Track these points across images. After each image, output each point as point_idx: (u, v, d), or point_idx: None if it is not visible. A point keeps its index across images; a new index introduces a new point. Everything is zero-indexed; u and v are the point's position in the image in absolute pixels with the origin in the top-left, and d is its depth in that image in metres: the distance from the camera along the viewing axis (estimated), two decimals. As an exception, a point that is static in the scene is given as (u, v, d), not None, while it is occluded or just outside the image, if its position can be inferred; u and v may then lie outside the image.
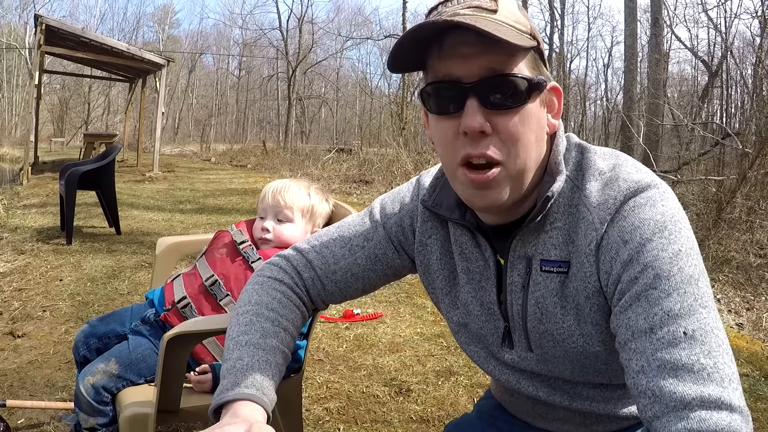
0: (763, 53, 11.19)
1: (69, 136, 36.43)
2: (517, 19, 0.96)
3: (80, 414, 1.89)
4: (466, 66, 0.95)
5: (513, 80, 0.95)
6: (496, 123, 0.95)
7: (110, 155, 6.89)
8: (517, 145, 0.97)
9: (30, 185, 11.69)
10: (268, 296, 1.20)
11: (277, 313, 1.17)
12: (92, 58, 14.88)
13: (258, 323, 1.13)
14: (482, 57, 0.93)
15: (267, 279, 1.24)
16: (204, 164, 21.68)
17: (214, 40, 53.26)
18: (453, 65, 0.96)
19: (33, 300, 4.48)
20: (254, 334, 1.11)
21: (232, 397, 0.99)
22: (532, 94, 0.97)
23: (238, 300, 1.22)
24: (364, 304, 4.60)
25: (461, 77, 0.95)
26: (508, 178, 0.98)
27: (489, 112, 0.95)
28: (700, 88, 21.15)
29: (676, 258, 0.90)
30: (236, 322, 1.14)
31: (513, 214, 1.06)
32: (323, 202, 2.20)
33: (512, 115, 0.96)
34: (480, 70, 0.94)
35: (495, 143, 0.96)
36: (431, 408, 2.98)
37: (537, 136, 1.00)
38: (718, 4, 20.01)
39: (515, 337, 1.12)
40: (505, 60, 0.94)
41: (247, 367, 1.04)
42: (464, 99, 0.95)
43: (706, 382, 0.82)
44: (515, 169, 0.98)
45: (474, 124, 0.94)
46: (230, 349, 1.09)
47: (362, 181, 14.09)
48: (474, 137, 0.96)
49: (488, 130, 0.95)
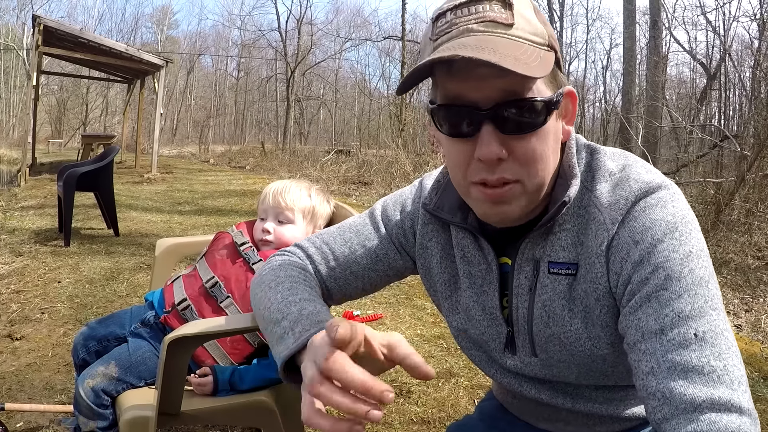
0: (762, 56, 11.22)
1: (67, 138, 36.41)
2: (535, 30, 0.92)
3: (80, 417, 1.88)
4: (482, 89, 0.90)
5: (532, 105, 0.91)
6: (512, 147, 0.92)
7: (108, 156, 6.87)
8: (536, 165, 0.94)
9: (28, 187, 11.67)
10: (294, 271, 1.18)
11: (310, 284, 1.16)
12: (90, 59, 14.87)
13: (300, 287, 1.11)
14: (499, 80, 0.88)
15: (284, 262, 1.23)
16: (202, 165, 21.66)
17: (213, 41, 53.39)
18: (467, 87, 0.91)
19: (31, 302, 4.47)
20: (303, 293, 1.09)
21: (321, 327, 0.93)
22: (551, 114, 0.94)
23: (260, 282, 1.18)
24: (363, 305, 4.59)
25: (477, 101, 0.91)
26: (524, 194, 0.96)
27: (505, 137, 0.92)
28: (699, 90, 21.23)
29: (686, 259, 0.89)
30: (275, 291, 1.11)
31: (522, 217, 1.05)
32: (324, 203, 2.19)
33: (530, 137, 0.92)
34: (496, 93, 0.90)
35: (512, 166, 0.93)
36: (432, 409, 2.98)
37: (553, 150, 0.98)
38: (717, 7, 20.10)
39: (518, 343, 1.11)
40: (524, 81, 0.89)
41: (316, 312, 1.02)
42: (479, 124, 0.92)
43: (717, 384, 0.81)
44: (533, 186, 0.96)
45: (491, 153, 0.91)
46: (283, 309, 1.04)
47: (361, 183, 14.08)
48: (490, 164, 0.93)
49: (504, 157, 0.92)
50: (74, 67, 22.84)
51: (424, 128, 15.73)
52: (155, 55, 16.15)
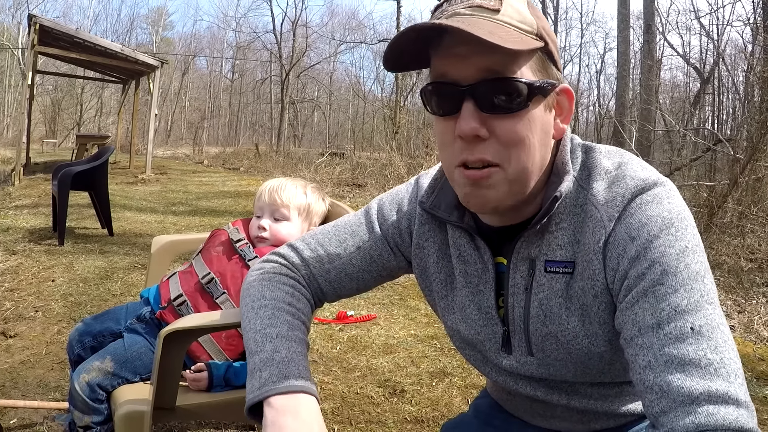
0: (755, 60, 11.26)
1: (61, 138, 36.28)
2: (523, 19, 0.94)
3: (75, 412, 1.88)
4: (462, 67, 0.93)
5: (512, 84, 0.92)
6: (493, 127, 0.93)
7: (104, 156, 6.86)
8: (518, 149, 0.95)
9: (22, 186, 11.62)
10: (281, 291, 1.18)
11: (294, 307, 1.16)
12: (86, 59, 14.81)
13: (281, 317, 1.12)
14: (479, 57, 0.91)
15: (273, 275, 1.23)
16: (196, 167, 21.63)
17: (208, 42, 53.23)
18: (449, 65, 0.94)
19: (25, 300, 4.45)
20: (282, 327, 1.09)
21: (285, 389, 0.97)
22: (533, 99, 0.94)
23: (247, 295, 1.20)
24: (357, 305, 4.60)
25: (458, 79, 0.94)
26: (505, 181, 0.96)
27: (486, 116, 0.93)
28: (692, 94, 21.27)
29: (682, 255, 0.90)
30: (256, 316, 1.12)
31: (518, 216, 1.06)
32: (320, 201, 2.20)
33: (512, 119, 0.93)
34: (477, 71, 0.92)
35: (493, 147, 0.94)
36: (425, 409, 2.98)
37: (541, 141, 0.98)
38: (711, 12, 20.12)
39: (514, 342, 1.11)
40: (505, 61, 0.92)
41: (288, 360, 1.03)
42: (460, 101, 0.94)
43: (714, 377, 0.82)
44: (515, 172, 0.96)
45: (467, 128, 0.92)
46: (259, 342, 1.06)
47: (355, 185, 14.08)
48: (470, 141, 0.94)
49: (484, 135, 0.93)
50: (69, 67, 22.76)
51: (418, 131, 15.75)
52: (150, 55, 16.11)
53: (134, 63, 14.91)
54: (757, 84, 10.34)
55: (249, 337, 1.09)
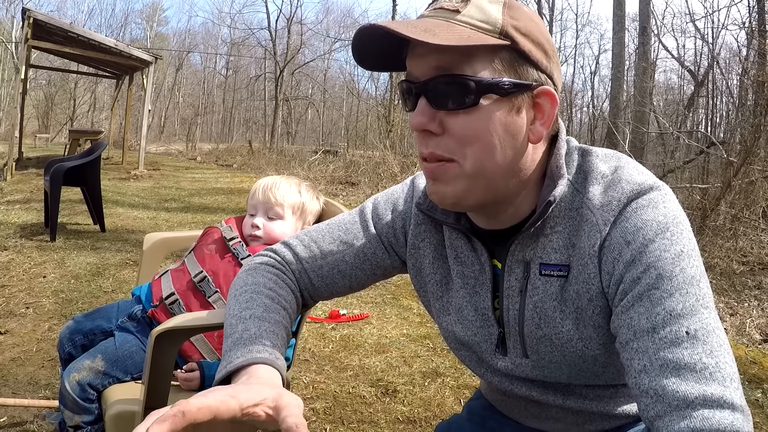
0: (749, 64, 11.30)
1: (54, 133, 36.11)
2: (486, 18, 0.93)
3: (65, 412, 1.87)
4: (420, 65, 0.95)
5: (459, 80, 0.92)
6: (446, 123, 0.95)
7: (96, 151, 6.83)
8: (473, 146, 0.94)
9: (14, 181, 11.58)
10: (263, 277, 1.19)
11: (275, 292, 1.16)
12: (80, 53, 14.74)
13: (259, 299, 1.12)
14: (432, 57, 0.93)
15: (259, 265, 1.24)
16: (189, 163, 21.58)
17: (202, 38, 53.16)
18: (412, 64, 0.97)
19: (16, 297, 4.43)
20: (257, 309, 1.09)
21: (245, 362, 0.95)
22: (485, 96, 0.93)
23: (232, 286, 1.20)
24: (350, 304, 4.59)
25: (417, 76, 0.96)
26: (462, 177, 0.96)
27: (437, 112, 0.95)
28: (686, 97, 21.37)
29: (678, 259, 0.90)
30: (235, 302, 1.13)
31: (510, 218, 1.05)
32: (314, 200, 2.19)
33: (463, 115, 0.94)
34: (430, 69, 0.94)
35: (446, 143, 0.95)
36: (418, 409, 2.98)
37: (505, 142, 0.95)
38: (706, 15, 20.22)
39: (510, 344, 1.11)
40: (457, 60, 0.92)
41: (255, 336, 1.02)
42: (417, 97, 0.96)
43: (709, 381, 0.82)
44: (472, 169, 0.95)
45: (415, 122, 0.95)
46: (233, 324, 1.06)
47: (348, 183, 14.08)
48: (423, 136, 0.97)
49: (435, 130, 0.95)
50: (62, 62, 22.74)
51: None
52: (144, 51, 16.06)
53: (128, 58, 14.86)
54: (752, 88, 10.37)
55: (226, 323, 1.09)
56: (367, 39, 0.96)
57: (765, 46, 9.70)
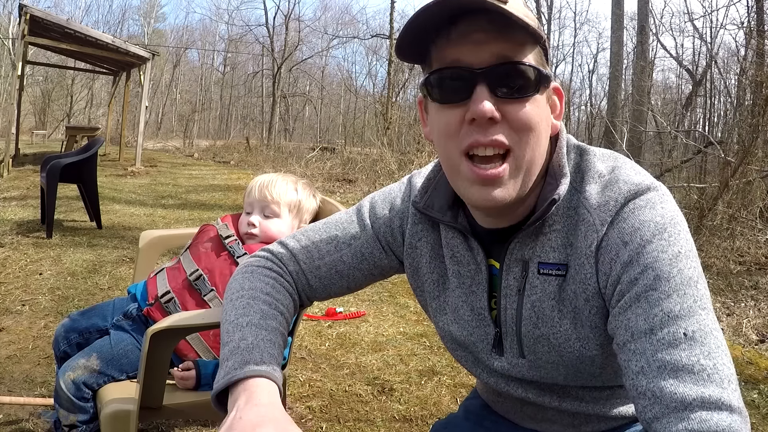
0: (747, 64, 11.31)
1: (51, 129, 36.08)
2: (526, 13, 0.93)
3: (60, 411, 1.86)
4: (478, 52, 0.92)
5: (525, 69, 0.93)
6: (506, 111, 0.93)
7: (93, 148, 6.80)
8: (530, 134, 0.94)
9: (10, 178, 11.55)
10: (260, 282, 1.18)
11: (273, 297, 1.16)
12: (77, 50, 14.71)
13: (256, 306, 1.12)
14: (494, 44, 0.91)
15: (256, 268, 1.23)
16: (186, 160, 21.55)
17: (200, 35, 52.99)
18: (464, 51, 0.93)
19: (12, 294, 4.42)
20: (254, 316, 1.09)
21: (244, 374, 0.97)
22: (541, 86, 0.95)
23: (228, 288, 1.20)
24: (346, 302, 4.58)
25: (471, 63, 0.93)
26: (516, 173, 0.95)
27: (499, 100, 0.92)
28: (684, 96, 21.33)
29: (675, 260, 0.90)
30: (232, 307, 1.12)
31: (511, 217, 1.05)
32: (310, 198, 2.18)
33: (523, 103, 0.93)
34: (491, 57, 0.92)
35: (505, 129, 0.93)
36: (414, 407, 2.97)
37: (545, 132, 0.99)
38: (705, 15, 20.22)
39: (506, 344, 1.10)
40: (517, 49, 0.93)
41: (252, 346, 1.02)
42: (473, 85, 0.92)
43: (707, 383, 0.81)
44: (525, 159, 0.95)
45: (483, 111, 0.91)
46: (230, 331, 1.07)
47: (346, 180, 14.07)
48: (482, 124, 0.93)
49: (497, 117, 0.92)
50: (59, 58, 22.65)
51: (409, 127, 15.72)
52: (142, 47, 16.03)
53: (125, 54, 14.83)
54: (750, 87, 10.40)
55: (223, 328, 1.09)
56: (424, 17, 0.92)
57: (763, 46, 9.70)
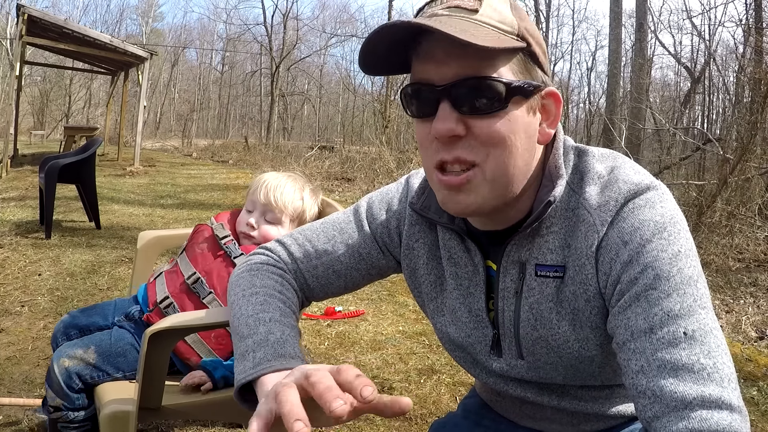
0: (746, 61, 11.31)
1: (49, 129, 35.96)
2: (503, 19, 0.92)
3: (48, 391, 1.87)
4: (440, 69, 0.91)
5: (488, 83, 0.90)
6: (472, 126, 0.92)
7: (91, 148, 6.79)
8: (497, 149, 0.93)
9: (9, 178, 11.54)
10: (270, 280, 1.17)
11: (285, 296, 1.15)
12: (75, 49, 14.68)
13: (273, 303, 1.10)
14: (456, 61, 0.90)
15: (260, 265, 1.22)
16: (185, 159, 21.52)
17: (198, 34, 52.91)
18: (428, 69, 0.93)
19: (11, 295, 4.42)
20: (274, 313, 1.07)
21: (281, 366, 0.93)
22: (512, 99, 0.92)
23: (236, 284, 1.18)
24: (345, 301, 4.58)
25: (434, 81, 0.92)
26: (484, 183, 0.94)
27: (462, 116, 0.92)
28: (683, 93, 21.34)
29: (675, 259, 0.89)
30: (248, 302, 1.10)
31: (507, 219, 1.04)
32: (314, 205, 2.16)
33: (490, 119, 0.92)
34: (453, 74, 0.90)
35: (470, 145, 0.92)
36: (413, 406, 2.97)
37: (524, 145, 0.96)
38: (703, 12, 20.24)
39: (504, 345, 1.10)
40: (481, 63, 0.90)
41: (283, 341, 1.00)
42: (437, 102, 0.92)
43: (707, 382, 0.81)
44: (493, 173, 0.94)
45: (443, 129, 0.91)
46: (252, 326, 1.03)
47: (344, 179, 14.05)
48: (445, 142, 0.93)
49: (461, 133, 0.91)
50: (58, 58, 22.59)
51: (408, 125, 15.72)
52: (140, 47, 16.00)
53: (123, 54, 14.80)
54: (748, 84, 10.40)
55: (240, 322, 1.06)
56: (377, 39, 0.91)
57: (761, 43, 9.70)
